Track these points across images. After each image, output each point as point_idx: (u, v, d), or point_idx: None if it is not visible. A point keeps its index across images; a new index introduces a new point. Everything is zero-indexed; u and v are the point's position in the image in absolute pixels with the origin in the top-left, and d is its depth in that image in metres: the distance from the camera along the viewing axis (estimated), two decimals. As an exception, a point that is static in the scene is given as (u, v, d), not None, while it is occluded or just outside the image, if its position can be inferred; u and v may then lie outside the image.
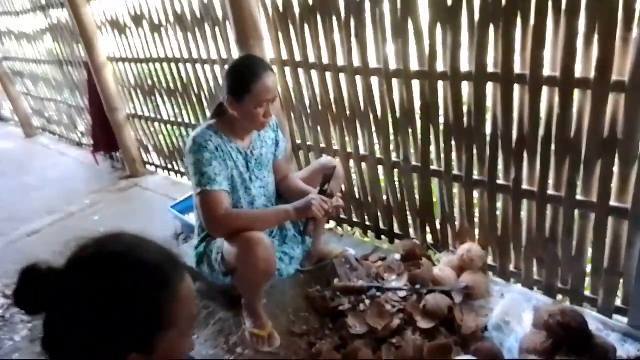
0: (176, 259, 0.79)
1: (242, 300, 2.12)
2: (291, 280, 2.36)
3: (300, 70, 2.43)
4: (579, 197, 1.75)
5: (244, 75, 1.82)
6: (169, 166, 3.95)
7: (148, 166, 4.20)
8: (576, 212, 1.79)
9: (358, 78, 2.20)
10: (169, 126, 3.67)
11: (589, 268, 1.89)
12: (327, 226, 2.80)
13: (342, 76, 2.26)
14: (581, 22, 1.51)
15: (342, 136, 2.45)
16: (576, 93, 1.61)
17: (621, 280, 1.81)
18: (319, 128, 2.54)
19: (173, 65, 3.23)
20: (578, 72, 1.58)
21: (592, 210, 1.73)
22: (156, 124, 3.77)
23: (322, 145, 2.58)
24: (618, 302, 1.86)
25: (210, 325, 2.20)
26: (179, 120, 3.52)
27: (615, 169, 1.64)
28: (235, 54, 2.48)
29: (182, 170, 3.82)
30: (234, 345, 2.06)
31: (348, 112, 2.35)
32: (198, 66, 3.03)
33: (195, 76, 3.11)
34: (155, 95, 3.58)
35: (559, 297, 2.02)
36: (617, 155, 1.61)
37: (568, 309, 1.70)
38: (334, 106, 2.38)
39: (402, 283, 2.14)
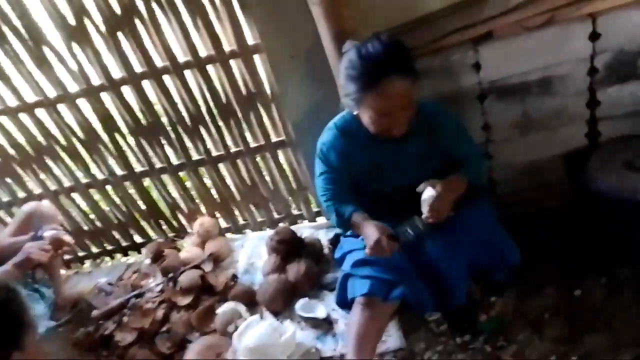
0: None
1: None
2: (53, 339, 2.21)
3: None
4: (252, 144, 2.19)
5: None
6: None
7: None
8: (257, 157, 2.24)
9: (23, 116, 2.15)
10: None
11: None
12: (69, 271, 2.69)
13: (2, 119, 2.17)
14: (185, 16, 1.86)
15: (37, 177, 2.35)
16: (210, 68, 1.99)
17: (308, 192, 2.37)
18: (8, 180, 2.36)
19: None
20: (203, 52, 1.95)
21: (265, 151, 2.20)
22: None
23: (21, 194, 2.42)
24: (315, 208, 2.44)
25: None
26: None
27: (264, 115, 2.11)
28: None
29: None
30: None
31: (32, 152, 2.27)
32: None
33: None
34: None
35: (281, 224, 2.49)
36: (259, 105, 2.08)
37: (279, 229, 2.17)
38: (12, 152, 2.26)
39: (158, 280, 2.27)
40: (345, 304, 1.70)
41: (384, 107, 1.37)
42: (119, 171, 2.33)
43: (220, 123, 2.13)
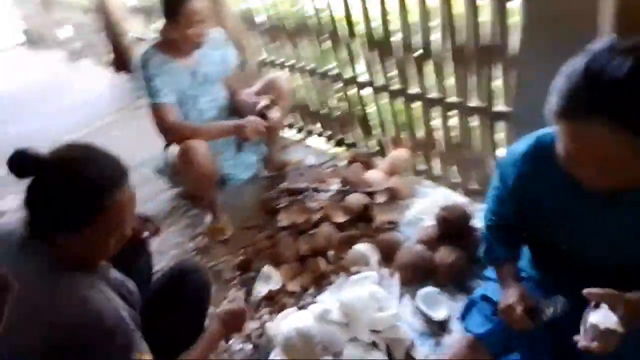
0: (120, 165, 1.04)
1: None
2: (254, 185, 2.68)
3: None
4: (472, 103, 1.85)
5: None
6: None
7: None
8: (473, 118, 1.89)
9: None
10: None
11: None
12: (297, 137, 3.07)
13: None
14: None
15: (293, 50, 2.60)
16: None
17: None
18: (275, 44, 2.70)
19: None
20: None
21: (482, 114, 1.83)
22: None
23: (282, 59, 2.75)
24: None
25: (184, 219, 2.62)
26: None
27: (499, 76, 1.70)
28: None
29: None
30: (197, 235, 2.48)
31: (293, 27, 2.48)
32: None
33: None
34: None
35: (465, 199, 2.16)
36: (498, 62, 1.67)
37: (450, 206, 1.89)
38: (283, 22, 2.52)
39: (335, 187, 2.38)
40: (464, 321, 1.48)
41: (572, 149, 0.92)
42: (348, 73, 2.36)
43: (449, 65, 1.84)
